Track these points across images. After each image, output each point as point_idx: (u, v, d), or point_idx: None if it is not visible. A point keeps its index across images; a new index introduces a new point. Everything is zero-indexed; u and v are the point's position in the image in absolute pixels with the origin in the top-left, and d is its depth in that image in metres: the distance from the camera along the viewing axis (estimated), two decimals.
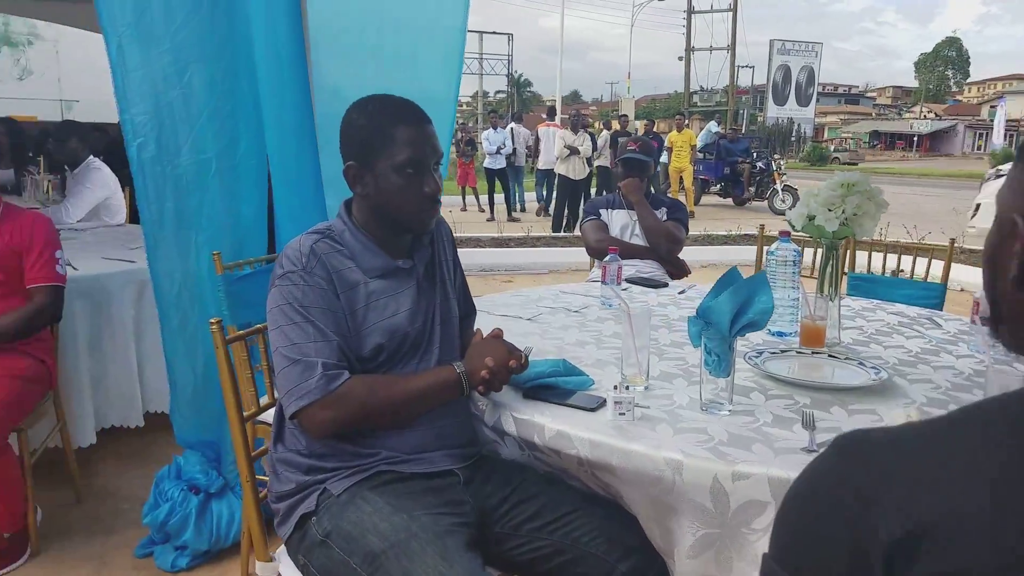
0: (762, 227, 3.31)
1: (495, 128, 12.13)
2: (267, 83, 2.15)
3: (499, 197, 12.11)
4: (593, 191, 11.21)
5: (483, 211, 12.39)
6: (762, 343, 1.85)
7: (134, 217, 4.36)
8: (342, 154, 1.44)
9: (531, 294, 2.48)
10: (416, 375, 1.40)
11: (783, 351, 1.76)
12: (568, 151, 10.33)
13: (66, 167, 4.20)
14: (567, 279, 6.79)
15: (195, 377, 2.37)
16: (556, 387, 1.47)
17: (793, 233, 1.94)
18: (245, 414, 1.52)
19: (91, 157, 4.07)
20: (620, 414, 1.32)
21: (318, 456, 1.38)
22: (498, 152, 11.76)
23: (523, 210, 12.67)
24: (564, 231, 10.02)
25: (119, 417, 2.81)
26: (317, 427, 1.32)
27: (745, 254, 6.58)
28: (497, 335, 1.47)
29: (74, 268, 2.74)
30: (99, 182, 3.98)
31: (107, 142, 4.87)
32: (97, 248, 3.23)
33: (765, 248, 2.83)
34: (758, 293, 1.35)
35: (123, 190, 4.21)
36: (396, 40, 2.27)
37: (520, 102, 39.93)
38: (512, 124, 12.89)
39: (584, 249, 3.31)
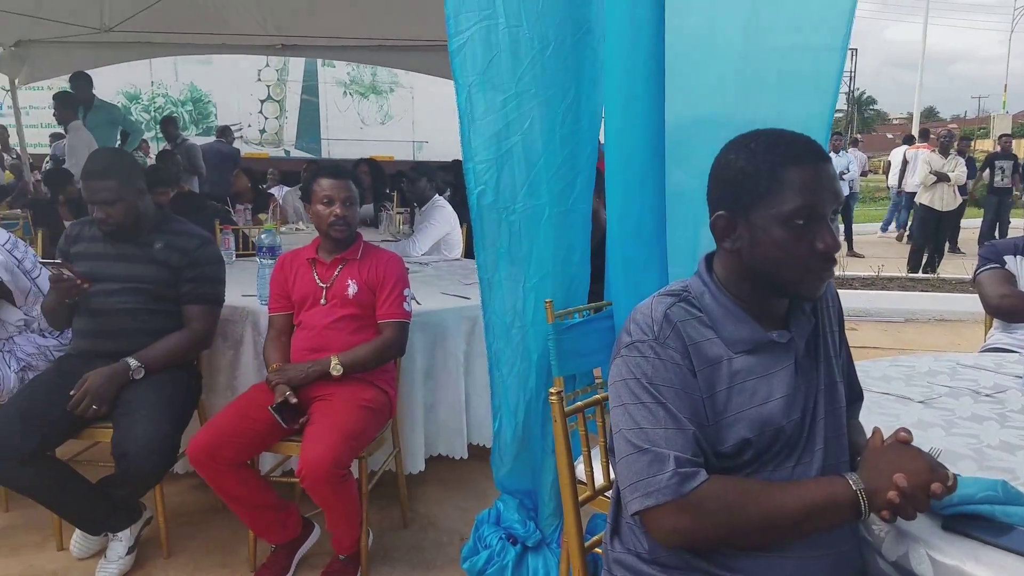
0: None
1: (836, 152, 11.09)
2: (615, 121, 2.03)
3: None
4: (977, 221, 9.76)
5: None
6: None
7: (468, 251, 4.64)
8: (710, 202, 1.22)
9: (916, 364, 2.02)
10: (795, 485, 1.12)
11: None
12: (935, 177, 8.90)
13: (415, 204, 4.61)
14: (931, 333, 5.83)
15: (515, 423, 2.33)
16: (991, 519, 1.09)
17: None
18: (580, 498, 1.36)
19: (436, 196, 4.41)
20: None
21: (661, 566, 1.17)
22: (841, 177, 10.75)
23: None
24: (925, 270, 8.67)
25: (446, 446, 2.90)
26: (664, 533, 1.11)
27: None
28: (905, 439, 1.13)
29: (418, 303, 2.91)
30: (442, 219, 4.29)
31: (450, 181, 5.28)
32: (437, 283, 3.43)
33: None
34: None
35: (460, 226, 4.50)
36: (763, 63, 2.03)
37: (862, 121, 36.58)
38: (850, 149, 11.89)
39: (980, 303, 2.65)
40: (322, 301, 2.40)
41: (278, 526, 2.27)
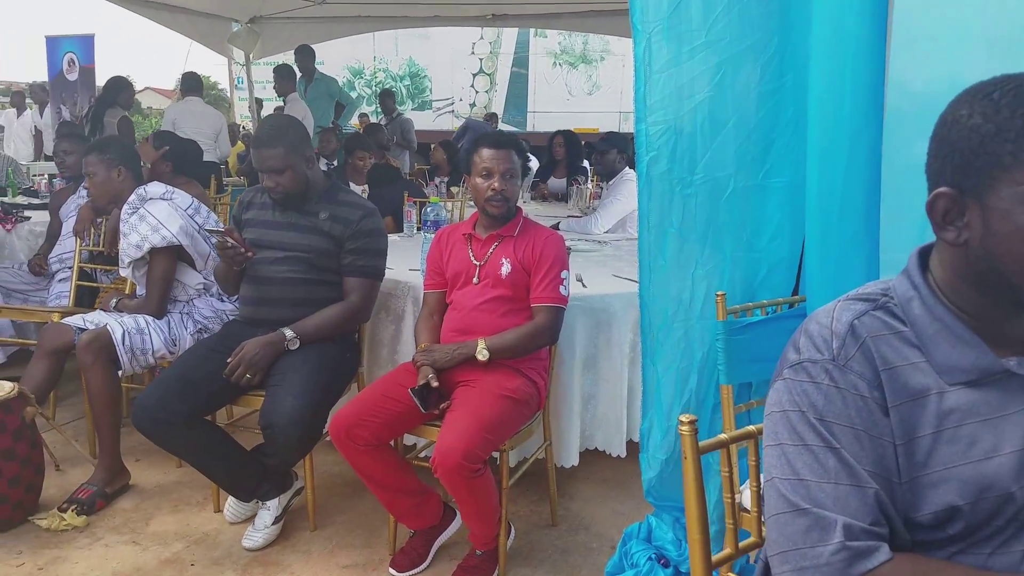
0: None
1: None
2: (821, 81, 1.63)
3: None
4: None
5: None
6: None
7: None
8: (929, 175, 0.87)
9: None
10: None
11: None
12: None
13: (603, 178, 4.35)
14: None
15: (667, 427, 2.04)
16: None
17: None
18: (714, 557, 1.07)
19: (626, 168, 4.12)
20: None
21: None
22: None
23: None
24: None
25: (603, 441, 2.67)
26: None
27: None
28: None
29: (583, 285, 2.68)
30: (629, 194, 3.99)
31: None
32: (611, 264, 3.17)
33: None
34: None
35: None
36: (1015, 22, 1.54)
37: None
38: None
39: None
40: (474, 280, 2.25)
41: (416, 512, 2.18)
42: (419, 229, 3.99)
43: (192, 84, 6.26)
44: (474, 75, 11.47)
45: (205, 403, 2.25)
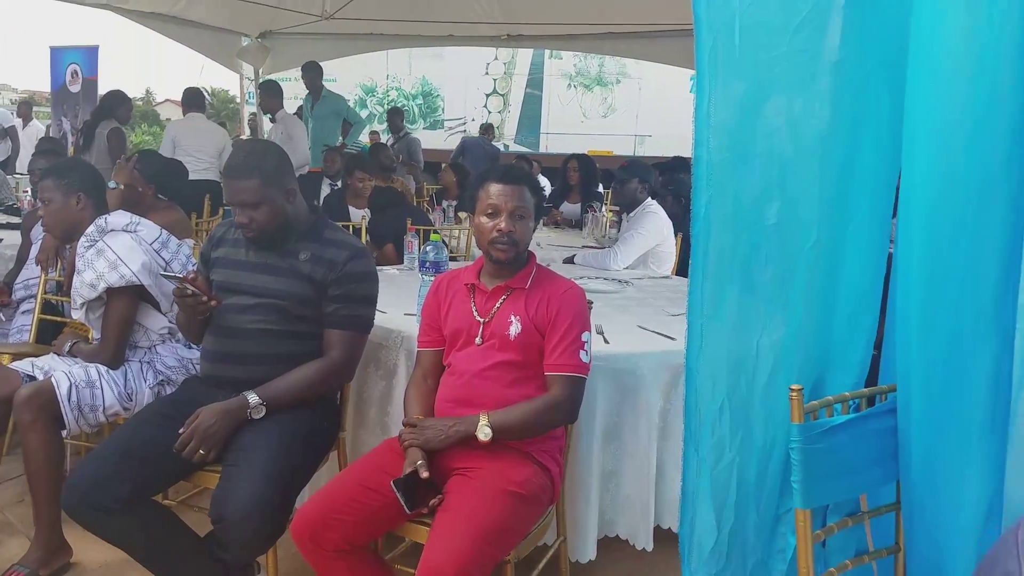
0: None
1: None
2: (942, 110, 1.23)
3: None
4: None
5: None
6: None
7: (682, 268, 3.94)
8: None
9: None
10: None
11: None
12: None
13: (623, 209, 3.99)
14: None
15: (718, 529, 1.65)
16: None
17: None
18: None
19: (648, 199, 3.75)
20: None
21: None
22: None
23: None
24: None
25: (627, 529, 2.27)
26: None
27: None
28: None
29: (605, 340, 2.30)
30: (653, 228, 3.63)
31: (668, 182, 4.58)
32: (635, 311, 2.77)
33: None
34: None
35: (675, 236, 3.81)
36: None
37: None
38: None
39: None
40: (477, 340, 1.88)
41: None
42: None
43: (194, 100, 5.96)
44: (487, 95, 11.20)
45: (150, 482, 1.88)
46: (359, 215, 4.66)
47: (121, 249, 2.30)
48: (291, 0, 5.92)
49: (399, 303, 2.58)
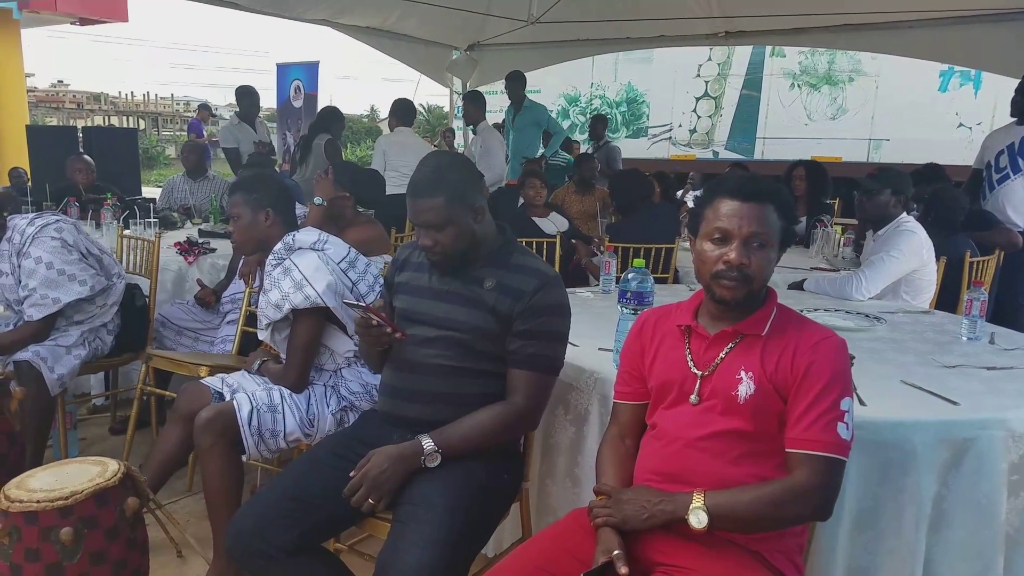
0: None
1: None
2: None
3: None
4: None
5: None
6: None
7: (943, 299, 3.23)
8: None
9: None
10: None
11: None
12: None
13: (870, 224, 3.35)
14: None
15: None
16: None
17: None
18: None
19: (903, 215, 3.10)
20: None
21: None
22: None
23: None
24: None
25: None
26: None
27: None
28: None
29: (862, 403, 1.78)
30: (909, 250, 2.98)
31: (929, 194, 3.84)
32: (895, 359, 2.19)
33: None
34: None
35: (935, 260, 3.11)
36: None
37: None
38: None
39: None
40: (692, 398, 1.48)
41: None
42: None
43: (403, 114, 6.04)
44: (697, 99, 10.53)
45: (317, 528, 1.69)
46: (551, 227, 4.42)
47: (307, 268, 2.18)
48: (498, 6, 5.84)
49: (593, 334, 2.24)
